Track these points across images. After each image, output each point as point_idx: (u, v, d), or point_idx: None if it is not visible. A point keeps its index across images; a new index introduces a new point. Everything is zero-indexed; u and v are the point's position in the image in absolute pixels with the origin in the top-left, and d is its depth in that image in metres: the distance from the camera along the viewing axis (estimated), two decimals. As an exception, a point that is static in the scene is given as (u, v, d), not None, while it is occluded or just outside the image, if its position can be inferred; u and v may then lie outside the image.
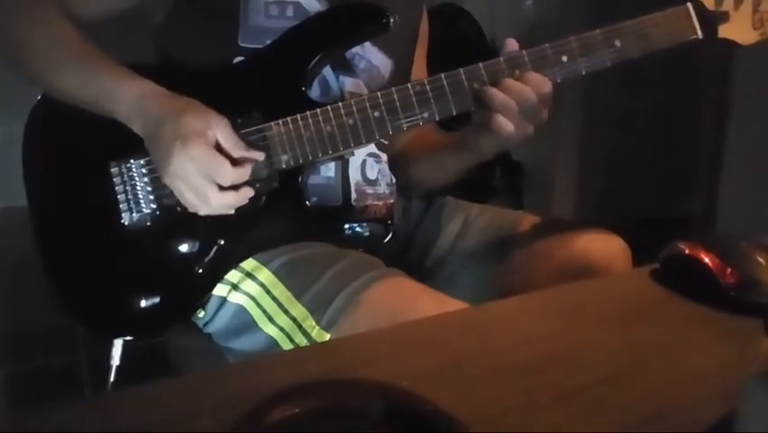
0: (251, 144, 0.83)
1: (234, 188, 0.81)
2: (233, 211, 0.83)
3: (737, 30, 0.87)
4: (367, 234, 0.94)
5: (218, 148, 0.79)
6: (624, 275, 0.94)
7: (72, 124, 0.89)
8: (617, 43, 0.86)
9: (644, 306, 0.73)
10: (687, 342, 0.65)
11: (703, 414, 0.51)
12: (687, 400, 0.55)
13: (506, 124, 0.84)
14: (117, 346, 0.95)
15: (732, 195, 2.19)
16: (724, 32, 0.87)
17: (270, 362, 0.68)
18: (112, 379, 0.94)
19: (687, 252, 0.75)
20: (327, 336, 0.80)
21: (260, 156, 0.83)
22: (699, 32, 0.88)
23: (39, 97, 0.93)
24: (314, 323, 0.81)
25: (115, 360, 0.94)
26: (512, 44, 0.86)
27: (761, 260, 0.73)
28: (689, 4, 0.87)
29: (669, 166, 2.33)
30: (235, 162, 0.80)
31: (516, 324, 0.68)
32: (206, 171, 0.78)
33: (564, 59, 0.86)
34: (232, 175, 0.79)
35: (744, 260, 0.73)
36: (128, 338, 0.93)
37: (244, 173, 0.81)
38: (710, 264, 0.72)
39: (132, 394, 0.54)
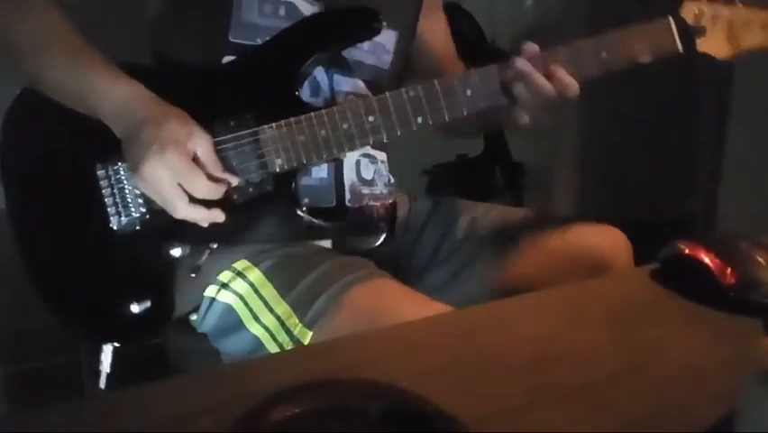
0: (229, 167, 0.82)
1: (206, 204, 0.80)
2: (205, 224, 0.82)
3: (714, 44, 0.90)
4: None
5: (195, 161, 0.78)
6: (624, 275, 0.94)
7: (54, 124, 0.87)
8: (604, 54, 0.88)
9: (644, 306, 0.73)
10: (687, 342, 0.65)
11: (703, 414, 0.51)
12: (687, 400, 0.55)
13: (521, 117, 0.88)
14: (107, 352, 0.92)
15: (732, 195, 2.19)
16: (702, 46, 0.91)
17: (270, 362, 0.69)
18: (102, 386, 0.92)
19: (687, 252, 0.75)
20: (309, 334, 0.80)
21: (234, 180, 0.82)
22: (680, 46, 0.90)
23: (18, 92, 0.90)
24: (297, 321, 0.81)
25: (105, 366, 0.91)
26: (531, 48, 0.88)
27: (761, 260, 0.73)
28: (670, 19, 0.90)
29: (669, 166, 2.33)
30: (209, 177, 0.79)
31: (516, 324, 0.68)
32: (180, 180, 0.77)
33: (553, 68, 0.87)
34: (205, 188, 0.78)
35: (744, 260, 0.73)
36: (116, 344, 0.92)
37: (218, 191, 0.80)
38: (710, 264, 0.72)
39: (132, 394, 0.54)
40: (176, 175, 0.77)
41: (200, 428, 0.48)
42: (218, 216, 0.81)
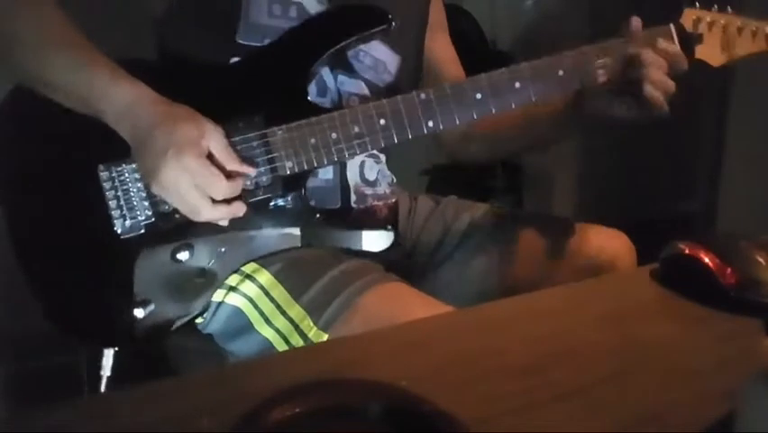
0: (243, 158, 0.81)
1: (227, 201, 0.78)
2: (226, 223, 0.81)
3: (709, 52, 0.92)
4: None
5: (210, 158, 0.77)
6: (624, 275, 0.94)
7: (51, 122, 0.84)
8: (606, 60, 0.89)
9: (644, 306, 0.73)
10: (687, 342, 0.65)
11: (703, 414, 0.51)
12: (687, 400, 0.54)
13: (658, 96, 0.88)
14: (108, 356, 0.91)
15: (732, 195, 2.19)
16: (698, 53, 0.92)
17: (270, 362, 0.68)
18: (103, 389, 0.91)
19: (687, 252, 0.75)
20: (325, 337, 0.80)
21: (251, 171, 0.81)
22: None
23: (11, 89, 0.87)
24: (311, 324, 0.81)
25: (106, 371, 0.90)
26: (636, 22, 0.88)
27: (761, 260, 0.73)
28: (671, 25, 0.90)
29: (669, 166, 2.33)
30: (227, 175, 0.77)
31: (516, 324, 0.68)
32: (199, 184, 0.75)
33: (561, 72, 0.88)
34: (225, 189, 0.77)
35: (744, 260, 0.73)
36: (117, 348, 0.91)
37: (237, 187, 0.79)
38: (710, 264, 0.72)
39: (132, 394, 0.54)
40: (195, 178, 0.75)
41: (200, 428, 0.48)
42: (240, 209, 0.80)
